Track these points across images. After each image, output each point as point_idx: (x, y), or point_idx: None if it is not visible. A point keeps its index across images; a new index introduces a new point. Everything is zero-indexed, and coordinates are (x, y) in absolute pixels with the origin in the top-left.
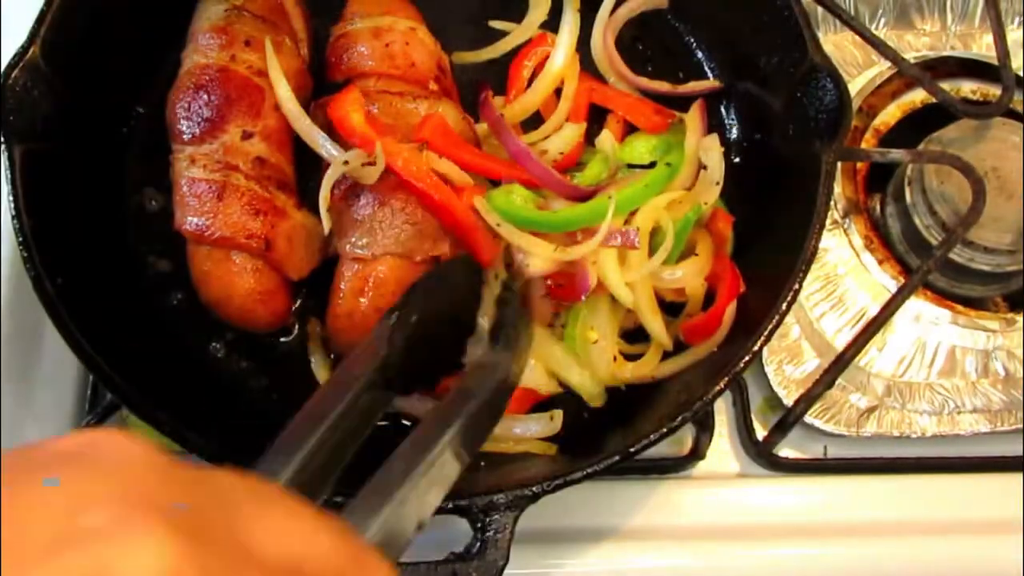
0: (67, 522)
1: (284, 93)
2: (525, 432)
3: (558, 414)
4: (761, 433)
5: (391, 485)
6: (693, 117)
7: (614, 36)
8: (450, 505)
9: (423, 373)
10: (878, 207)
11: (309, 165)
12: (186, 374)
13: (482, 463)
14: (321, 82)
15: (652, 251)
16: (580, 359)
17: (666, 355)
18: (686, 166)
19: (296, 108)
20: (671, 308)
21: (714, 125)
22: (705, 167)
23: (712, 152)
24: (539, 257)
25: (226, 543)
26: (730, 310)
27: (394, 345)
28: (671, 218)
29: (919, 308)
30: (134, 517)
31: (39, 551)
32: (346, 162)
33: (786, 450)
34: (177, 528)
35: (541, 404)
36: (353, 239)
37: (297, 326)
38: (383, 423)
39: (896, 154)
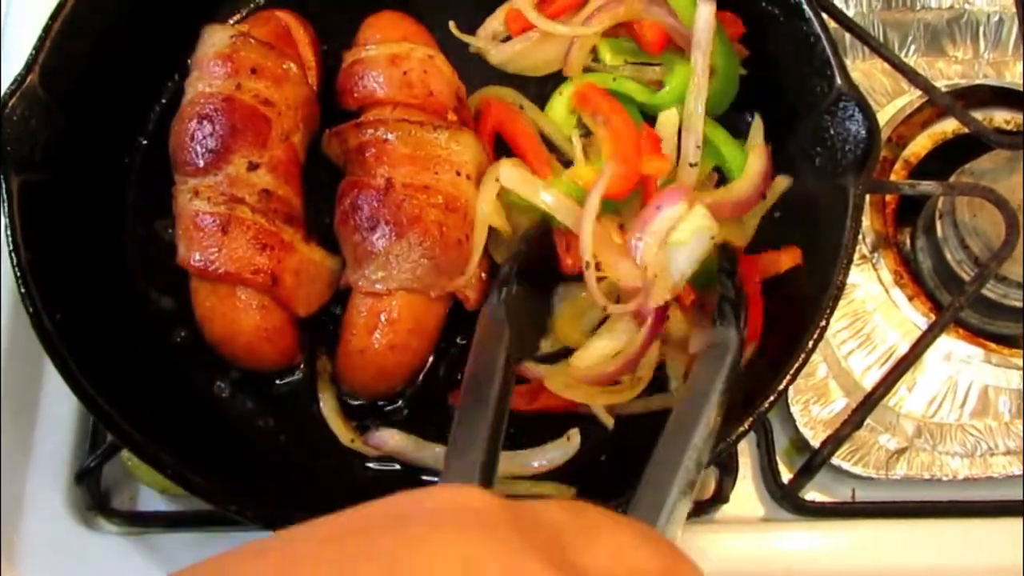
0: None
1: None
2: (545, 463)
3: (574, 433)
4: (787, 476)
5: (664, 482)
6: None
7: None
8: None
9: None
10: (908, 241)
11: (317, 197)
12: (190, 414)
13: None
14: (330, 110)
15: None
16: None
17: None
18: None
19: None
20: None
21: None
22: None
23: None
24: None
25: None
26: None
27: (514, 320)
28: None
29: (950, 346)
30: (525, 565)
31: None
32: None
33: (812, 493)
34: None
35: (554, 426)
36: (367, 272)
37: (305, 364)
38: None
39: (927, 186)
